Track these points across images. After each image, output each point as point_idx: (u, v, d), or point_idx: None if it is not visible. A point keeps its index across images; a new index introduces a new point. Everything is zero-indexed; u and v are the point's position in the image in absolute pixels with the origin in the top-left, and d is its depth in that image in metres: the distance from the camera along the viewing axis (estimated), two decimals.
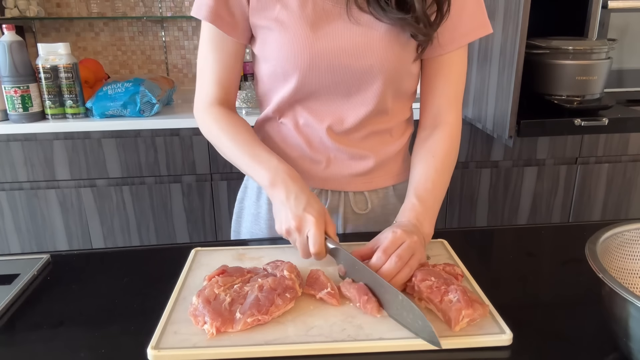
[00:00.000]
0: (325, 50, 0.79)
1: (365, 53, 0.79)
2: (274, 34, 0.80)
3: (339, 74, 0.81)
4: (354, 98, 0.84)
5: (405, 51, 0.81)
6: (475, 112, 1.73)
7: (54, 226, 1.89)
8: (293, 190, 0.76)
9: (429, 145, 0.86)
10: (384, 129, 0.90)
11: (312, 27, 0.78)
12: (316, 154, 0.89)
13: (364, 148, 0.89)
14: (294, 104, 0.86)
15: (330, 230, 0.74)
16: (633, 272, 0.64)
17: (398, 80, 0.84)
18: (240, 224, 1.02)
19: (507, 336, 0.60)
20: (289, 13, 0.78)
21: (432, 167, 0.84)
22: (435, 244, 0.84)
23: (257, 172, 0.80)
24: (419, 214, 0.78)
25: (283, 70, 0.82)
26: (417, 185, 0.82)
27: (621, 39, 1.71)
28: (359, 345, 0.59)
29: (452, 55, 0.84)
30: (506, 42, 1.45)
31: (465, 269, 0.75)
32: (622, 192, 2.05)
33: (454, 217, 2.04)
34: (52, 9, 2.26)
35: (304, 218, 0.73)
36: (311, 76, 0.81)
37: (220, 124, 0.85)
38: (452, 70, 0.86)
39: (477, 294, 0.68)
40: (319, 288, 0.68)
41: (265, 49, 0.82)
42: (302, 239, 0.73)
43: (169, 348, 0.58)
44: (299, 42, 0.78)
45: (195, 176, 1.88)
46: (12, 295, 0.71)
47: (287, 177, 0.78)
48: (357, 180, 0.92)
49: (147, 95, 1.79)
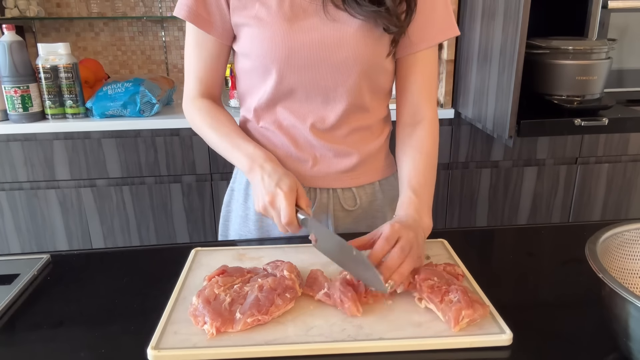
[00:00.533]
0: (301, 43, 0.82)
1: (340, 46, 0.82)
2: (253, 30, 0.83)
3: (316, 67, 0.83)
4: (332, 93, 0.87)
5: (379, 45, 0.84)
6: (475, 112, 1.73)
7: (54, 226, 1.89)
8: (267, 170, 0.81)
9: (414, 143, 0.89)
10: (365, 126, 0.92)
11: (289, 22, 0.81)
12: (302, 153, 0.91)
13: (348, 145, 0.92)
14: (275, 105, 0.89)
15: (302, 203, 0.78)
16: (633, 272, 0.64)
17: (373, 74, 0.87)
18: (228, 227, 1.02)
19: (507, 336, 0.60)
20: (268, 10, 0.82)
21: (422, 163, 0.87)
22: (435, 243, 0.84)
23: (237, 159, 0.86)
24: (418, 207, 0.80)
25: (262, 64, 0.84)
26: (410, 181, 0.85)
27: (621, 39, 1.71)
28: (359, 345, 0.59)
29: (424, 53, 0.89)
30: (506, 42, 1.45)
31: (465, 269, 0.75)
32: (622, 192, 2.05)
33: (454, 217, 2.04)
34: (52, 9, 2.26)
35: (275, 193, 0.77)
36: (289, 70, 0.83)
37: (202, 116, 0.90)
38: (425, 67, 0.90)
39: (477, 294, 0.68)
40: (318, 289, 0.68)
41: (245, 45, 0.86)
42: (277, 213, 0.77)
43: (169, 348, 0.58)
44: (276, 36, 0.81)
45: (195, 176, 1.88)
46: (12, 295, 0.71)
47: (263, 160, 0.83)
48: (344, 177, 0.94)
49: (147, 95, 1.79)
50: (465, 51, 1.77)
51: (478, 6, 1.63)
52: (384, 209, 0.98)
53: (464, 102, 1.81)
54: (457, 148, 1.94)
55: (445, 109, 1.88)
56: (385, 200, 0.98)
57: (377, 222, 0.94)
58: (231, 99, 1.91)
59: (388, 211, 0.98)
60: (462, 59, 1.81)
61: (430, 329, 0.62)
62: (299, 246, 0.84)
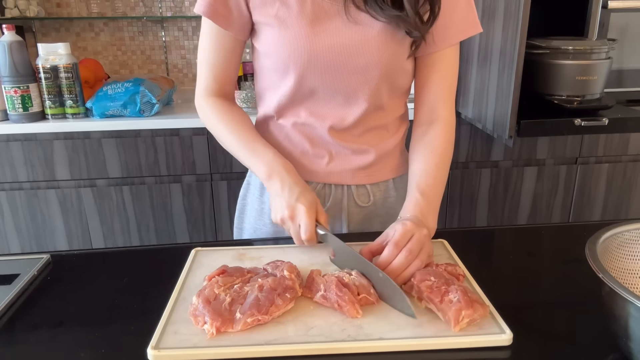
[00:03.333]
0: (323, 47, 0.81)
1: (362, 50, 0.81)
2: (274, 30, 0.82)
3: (337, 71, 0.83)
4: (353, 96, 0.86)
5: (400, 48, 0.83)
6: (475, 112, 1.73)
7: (54, 226, 1.89)
8: (287, 182, 0.81)
9: (427, 141, 0.89)
10: (381, 125, 0.92)
11: (311, 24, 0.80)
12: (319, 150, 0.91)
13: (364, 143, 0.92)
14: (295, 104, 0.88)
15: (321, 219, 0.79)
16: (633, 272, 0.64)
17: (393, 76, 0.86)
18: (243, 220, 1.03)
19: (507, 336, 0.60)
20: (289, 11, 0.81)
21: (432, 162, 0.86)
22: (436, 244, 0.84)
23: (255, 165, 0.85)
24: (423, 208, 0.80)
25: (283, 66, 0.84)
26: (418, 181, 0.84)
27: (621, 39, 1.71)
28: (359, 345, 0.59)
29: (445, 52, 0.87)
30: (506, 42, 1.45)
31: (465, 269, 0.75)
32: (622, 192, 2.05)
33: (454, 217, 2.04)
34: (52, 9, 2.26)
35: (296, 207, 0.78)
36: (310, 73, 0.83)
37: (219, 116, 0.89)
38: (444, 67, 0.88)
39: (477, 295, 0.68)
40: (315, 291, 0.68)
41: (266, 45, 0.85)
42: (295, 227, 0.79)
43: (169, 348, 0.58)
44: (298, 40, 0.80)
45: (195, 176, 1.88)
46: (12, 295, 0.71)
47: (283, 170, 0.83)
48: (359, 174, 0.94)
49: (147, 95, 1.79)
50: (465, 51, 1.77)
51: (478, 6, 1.62)
52: (396, 206, 0.98)
53: (464, 102, 1.81)
54: (457, 148, 1.93)
55: None
56: (398, 197, 0.98)
57: (389, 219, 0.93)
58: None
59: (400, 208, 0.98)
60: (462, 59, 1.81)
61: (430, 329, 0.62)
62: (299, 246, 0.84)
